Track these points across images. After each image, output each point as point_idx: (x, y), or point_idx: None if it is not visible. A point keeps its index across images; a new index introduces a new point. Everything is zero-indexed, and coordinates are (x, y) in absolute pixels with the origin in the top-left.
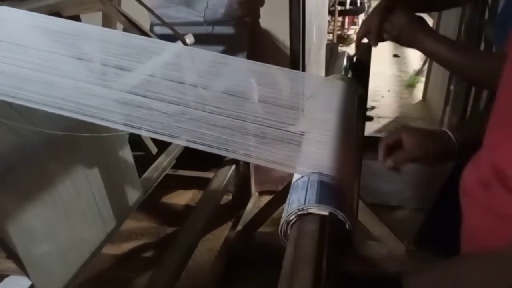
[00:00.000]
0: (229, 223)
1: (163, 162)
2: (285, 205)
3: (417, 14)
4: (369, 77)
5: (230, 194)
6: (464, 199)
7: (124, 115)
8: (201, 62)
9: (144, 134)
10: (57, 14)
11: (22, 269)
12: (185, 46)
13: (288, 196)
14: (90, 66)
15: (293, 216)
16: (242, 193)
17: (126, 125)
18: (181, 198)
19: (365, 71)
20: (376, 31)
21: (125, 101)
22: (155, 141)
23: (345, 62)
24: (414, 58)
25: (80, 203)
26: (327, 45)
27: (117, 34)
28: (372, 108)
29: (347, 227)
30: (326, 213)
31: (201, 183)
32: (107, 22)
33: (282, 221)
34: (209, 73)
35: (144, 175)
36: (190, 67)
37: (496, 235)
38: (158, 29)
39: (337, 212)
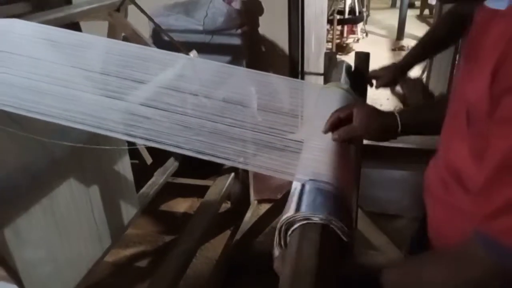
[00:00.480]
0: (228, 232)
1: (160, 178)
2: (283, 212)
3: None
4: (367, 85)
5: (229, 202)
6: (427, 196)
7: (126, 125)
8: (202, 72)
9: (144, 143)
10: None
11: (16, 278)
12: (188, 57)
13: (287, 203)
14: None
15: (290, 224)
16: (241, 201)
17: (127, 135)
18: (180, 206)
19: (363, 80)
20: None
21: (125, 111)
22: (150, 151)
23: (343, 71)
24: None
25: (79, 218)
26: (326, 53)
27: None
28: None
29: (345, 235)
30: (323, 221)
31: (200, 191)
32: (112, 32)
33: (278, 227)
34: (210, 82)
35: (142, 190)
36: (191, 77)
37: (454, 228)
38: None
39: (335, 220)
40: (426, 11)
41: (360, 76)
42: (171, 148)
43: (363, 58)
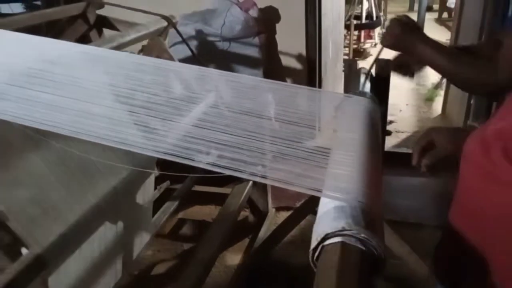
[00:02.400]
0: (246, 240)
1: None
2: (313, 230)
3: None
4: (388, 93)
5: (247, 210)
6: (464, 163)
7: (140, 137)
8: (220, 82)
9: (167, 158)
10: None
11: None
12: (205, 68)
13: (316, 221)
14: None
15: (323, 243)
16: (259, 209)
17: (145, 148)
18: (198, 213)
19: (385, 87)
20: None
21: (141, 123)
22: None
23: (363, 78)
24: (432, 71)
25: (102, 253)
26: (346, 61)
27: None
28: (391, 122)
29: (379, 255)
30: (357, 241)
31: (218, 199)
32: (147, 53)
33: (312, 246)
34: (228, 93)
35: (154, 218)
36: (208, 88)
37: (488, 197)
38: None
39: (370, 240)
40: (445, 14)
41: (382, 84)
42: (190, 162)
43: (384, 65)
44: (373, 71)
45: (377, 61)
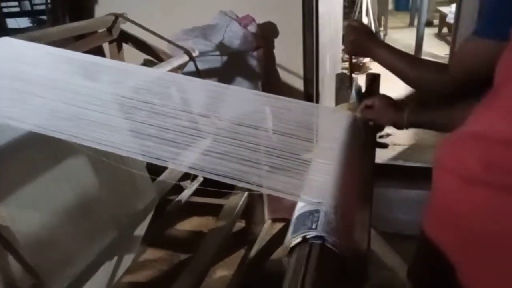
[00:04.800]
0: (242, 251)
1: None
2: (287, 232)
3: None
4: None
5: (243, 221)
6: (437, 169)
7: (142, 146)
8: (218, 94)
9: (162, 164)
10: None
11: None
12: (204, 80)
13: (291, 224)
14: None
15: (292, 243)
16: (255, 220)
17: (146, 156)
18: (195, 224)
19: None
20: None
21: (140, 131)
22: None
23: (353, 92)
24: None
25: (94, 210)
26: (337, 75)
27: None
28: (388, 135)
29: (340, 250)
30: (317, 239)
31: (216, 210)
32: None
33: (283, 247)
34: (226, 105)
35: (158, 179)
36: (206, 100)
37: (463, 203)
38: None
39: (328, 237)
40: (445, 29)
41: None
42: (188, 170)
43: (373, 79)
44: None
45: (367, 75)
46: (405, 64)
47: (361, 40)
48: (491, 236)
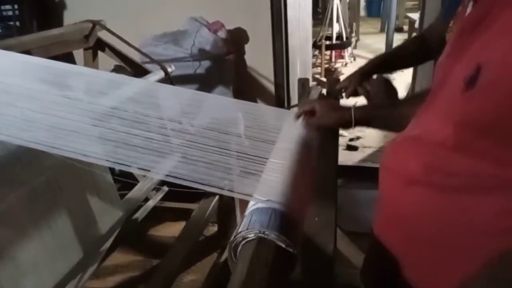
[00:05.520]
0: (215, 254)
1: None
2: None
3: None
4: None
5: (216, 225)
6: (382, 171)
7: (107, 151)
8: (190, 100)
9: (130, 170)
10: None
11: None
12: (177, 87)
13: (241, 221)
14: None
15: (238, 240)
16: (227, 224)
17: (110, 161)
18: (168, 230)
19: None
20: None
21: (108, 137)
22: None
23: (315, 96)
24: (403, 86)
25: (59, 231)
26: (299, 80)
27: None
28: (358, 138)
29: (292, 251)
30: (257, 236)
31: (188, 214)
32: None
33: (228, 249)
34: (197, 111)
35: (126, 197)
36: (178, 106)
37: (407, 203)
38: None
39: (271, 232)
40: (414, 35)
41: (330, 98)
42: (151, 174)
43: (333, 82)
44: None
45: (328, 79)
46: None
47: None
48: (432, 235)
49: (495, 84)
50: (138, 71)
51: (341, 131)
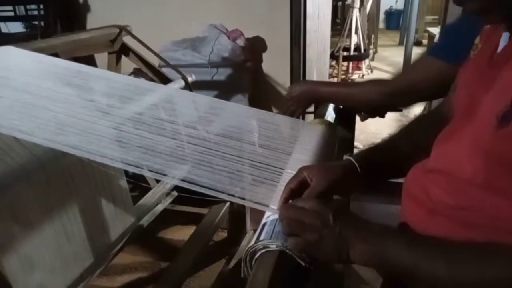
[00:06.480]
0: (223, 260)
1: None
2: (253, 239)
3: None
4: (354, 122)
5: (226, 231)
6: (405, 197)
7: (123, 153)
8: (206, 107)
9: (143, 173)
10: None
11: None
12: (195, 94)
13: (257, 231)
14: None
15: (253, 253)
16: (237, 230)
17: (125, 163)
18: (178, 233)
19: (349, 116)
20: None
21: (125, 140)
22: None
23: (330, 107)
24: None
25: (72, 233)
26: None
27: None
28: None
29: (303, 260)
30: (279, 248)
31: (199, 219)
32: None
33: (243, 257)
34: (213, 118)
35: (139, 203)
36: (195, 112)
37: (430, 231)
38: (165, 71)
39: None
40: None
41: (346, 113)
42: (166, 178)
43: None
44: None
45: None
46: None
47: (304, 88)
48: None
49: None
50: (158, 76)
51: (356, 143)
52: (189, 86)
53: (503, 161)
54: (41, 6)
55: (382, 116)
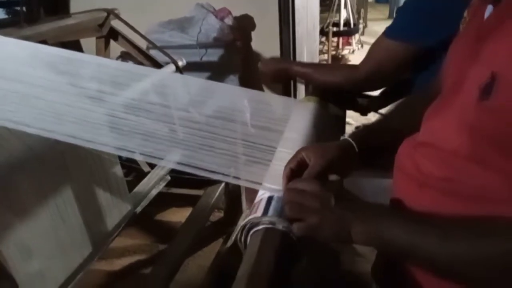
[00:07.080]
0: (221, 240)
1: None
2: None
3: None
4: (345, 98)
5: (222, 211)
6: (396, 172)
7: (116, 138)
8: (197, 89)
9: (136, 157)
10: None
11: None
12: (184, 76)
13: (252, 208)
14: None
15: (255, 224)
16: (233, 210)
17: (118, 148)
18: (175, 215)
19: (341, 93)
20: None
21: (117, 125)
22: None
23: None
24: None
25: (69, 221)
26: None
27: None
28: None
29: (297, 242)
30: (285, 229)
31: (195, 201)
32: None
33: (242, 225)
34: (205, 99)
35: (134, 190)
36: (186, 94)
37: (421, 205)
38: (153, 53)
39: (284, 225)
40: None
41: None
42: (161, 162)
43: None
44: None
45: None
46: (319, 70)
47: (278, 67)
48: None
49: (508, 102)
50: (148, 59)
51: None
52: (179, 70)
53: (485, 133)
54: None
55: (365, 114)
